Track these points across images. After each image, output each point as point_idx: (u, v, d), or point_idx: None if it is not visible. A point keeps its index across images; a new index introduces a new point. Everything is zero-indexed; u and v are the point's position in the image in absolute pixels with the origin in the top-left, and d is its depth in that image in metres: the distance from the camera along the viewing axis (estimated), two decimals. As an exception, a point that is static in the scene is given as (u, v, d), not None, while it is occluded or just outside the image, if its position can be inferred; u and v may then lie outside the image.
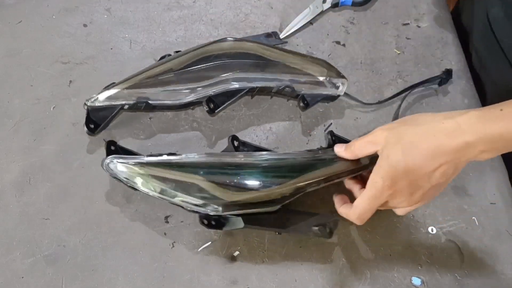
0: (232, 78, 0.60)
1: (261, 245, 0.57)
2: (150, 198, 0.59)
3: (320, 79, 0.63)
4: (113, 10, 0.74)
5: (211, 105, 0.60)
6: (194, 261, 0.56)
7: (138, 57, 0.69)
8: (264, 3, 0.76)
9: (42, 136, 0.63)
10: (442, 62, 0.71)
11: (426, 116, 0.46)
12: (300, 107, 0.63)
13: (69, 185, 0.60)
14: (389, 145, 0.45)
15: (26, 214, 0.58)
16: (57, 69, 0.68)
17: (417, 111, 0.66)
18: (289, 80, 0.62)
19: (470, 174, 0.62)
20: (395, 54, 0.71)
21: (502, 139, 0.41)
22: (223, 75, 0.60)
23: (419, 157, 0.44)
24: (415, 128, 0.45)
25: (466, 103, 0.67)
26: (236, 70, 0.61)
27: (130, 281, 0.54)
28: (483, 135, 0.41)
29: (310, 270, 0.56)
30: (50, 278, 0.54)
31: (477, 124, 0.42)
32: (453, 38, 0.73)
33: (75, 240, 0.57)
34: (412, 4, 0.77)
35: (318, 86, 0.63)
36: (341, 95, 0.64)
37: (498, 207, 0.60)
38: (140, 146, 0.63)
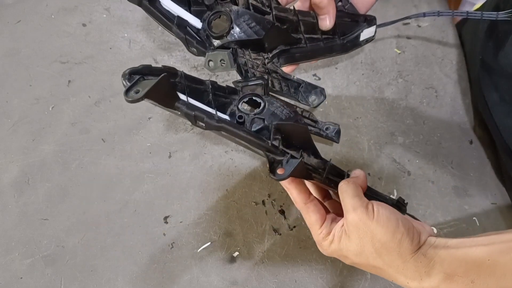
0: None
1: (261, 246, 0.56)
2: (149, 199, 0.59)
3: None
4: (112, 10, 0.73)
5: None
6: (193, 261, 0.55)
7: (137, 56, 0.69)
8: None
9: (41, 136, 0.63)
10: (442, 61, 0.71)
11: (395, 259, 0.41)
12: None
13: (68, 186, 0.60)
14: (347, 248, 0.42)
15: (25, 215, 0.58)
16: (56, 69, 0.68)
17: (417, 111, 0.66)
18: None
19: (470, 174, 0.62)
20: (396, 53, 0.71)
21: None
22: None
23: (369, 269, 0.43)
24: (378, 266, 0.41)
25: (467, 103, 0.67)
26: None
27: (129, 281, 0.54)
28: None
29: (310, 271, 0.55)
30: (49, 278, 0.54)
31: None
32: (454, 37, 0.73)
33: (74, 241, 0.56)
34: (412, 4, 0.77)
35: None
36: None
37: (499, 207, 0.60)
38: (140, 146, 0.63)
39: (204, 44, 0.47)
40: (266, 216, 0.58)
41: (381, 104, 0.67)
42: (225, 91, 0.47)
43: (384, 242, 0.40)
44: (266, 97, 0.45)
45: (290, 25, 0.52)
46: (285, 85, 0.54)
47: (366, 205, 0.42)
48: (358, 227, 0.41)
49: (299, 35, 0.53)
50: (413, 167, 0.62)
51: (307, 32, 0.53)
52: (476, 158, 0.63)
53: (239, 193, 0.60)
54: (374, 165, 0.62)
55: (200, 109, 0.39)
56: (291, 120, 0.45)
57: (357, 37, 0.55)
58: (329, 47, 0.54)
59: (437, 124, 0.65)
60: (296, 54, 0.53)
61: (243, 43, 0.48)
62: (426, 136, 0.64)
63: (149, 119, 0.65)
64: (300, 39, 0.53)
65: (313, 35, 0.53)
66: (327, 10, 0.51)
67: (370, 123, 0.65)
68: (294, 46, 0.53)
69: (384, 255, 0.40)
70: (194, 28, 0.47)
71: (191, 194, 0.60)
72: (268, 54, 0.51)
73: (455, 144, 0.64)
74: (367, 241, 0.41)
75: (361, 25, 0.55)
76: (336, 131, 0.55)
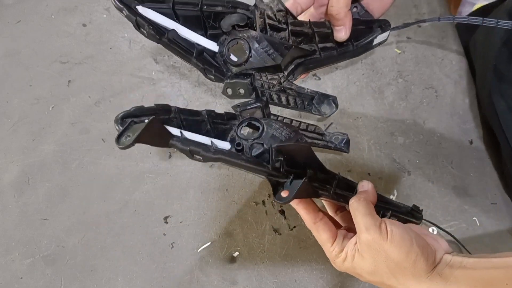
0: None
1: (261, 246, 0.56)
2: (149, 199, 0.59)
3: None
4: (112, 10, 0.73)
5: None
6: (193, 261, 0.55)
7: (138, 56, 0.69)
8: (264, 2, 0.75)
9: (41, 136, 0.63)
10: (442, 61, 0.71)
11: (409, 279, 0.41)
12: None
13: (68, 186, 0.60)
14: (361, 267, 0.42)
15: (25, 215, 0.58)
16: (56, 69, 0.68)
17: (417, 111, 0.66)
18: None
19: (471, 174, 0.62)
20: (396, 53, 0.71)
21: None
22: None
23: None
24: (393, 286, 0.41)
25: (467, 102, 0.67)
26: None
27: (129, 281, 0.54)
28: None
29: (310, 271, 0.55)
30: (49, 278, 0.54)
31: None
32: (454, 37, 0.73)
33: (74, 241, 0.56)
34: (412, 3, 0.77)
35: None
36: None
37: (499, 207, 0.60)
38: (140, 146, 0.63)
39: (222, 71, 0.47)
40: (266, 216, 0.58)
41: (381, 104, 0.67)
42: (223, 118, 0.47)
43: (398, 262, 0.40)
44: (265, 120, 0.45)
45: (305, 37, 0.52)
46: (299, 100, 0.54)
47: (379, 224, 0.41)
48: (371, 247, 0.41)
49: (313, 45, 0.52)
50: (413, 167, 0.62)
51: (321, 42, 0.52)
52: (476, 158, 0.63)
53: (239, 193, 0.60)
54: (374, 165, 0.62)
55: (196, 142, 0.39)
56: (292, 140, 0.44)
57: (370, 42, 0.54)
58: (343, 53, 0.54)
59: (437, 124, 0.65)
60: (310, 64, 0.53)
61: (260, 69, 0.48)
62: (426, 136, 0.64)
63: (149, 119, 0.65)
64: (315, 50, 0.53)
65: (327, 44, 0.53)
66: (343, 22, 0.50)
67: (370, 123, 0.65)
68: (308, 58, 0.53)
69: (398, 275, 0.40)
70: (210, 52, 0.47)
71: (191, 194, 0.60)
72: (284, 73, 0.51)
73: (455, 144, 0.64)
74: (381, 261, 0.40)
75: (375, 31, 0.54)
76: (345, 141, 0.56)
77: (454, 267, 0.39)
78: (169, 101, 0.66)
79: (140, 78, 0.68)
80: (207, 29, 0.46)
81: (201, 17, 0.46)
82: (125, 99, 0.66)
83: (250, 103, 0.47)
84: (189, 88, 0.67)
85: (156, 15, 0.42)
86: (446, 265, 0.40)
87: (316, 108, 0.55)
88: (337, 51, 0.53)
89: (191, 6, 0.45)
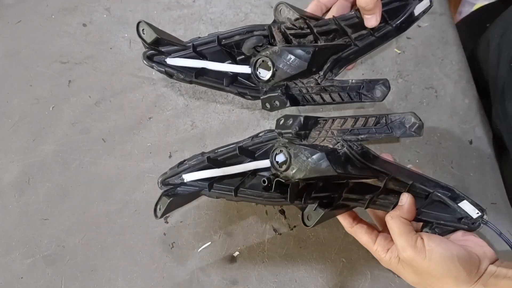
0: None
1: (261, 246, 0.57)
2: (149, 199, 0.59)
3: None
4: (113, 10, 0.73)
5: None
6: (194, 261, 0.56)
7: (138, 56, 0.69)
8: (264, 2, 0.76)
9: (41, 136, 0.63)
10: (442, 61, 0.71)
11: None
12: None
13: (68, 185, 0.60)
14: (405, 271, 0.43)
15: (25, 214, 0.58)
16: (56, 69, 0.68)
17: (417, 111, 0.66)
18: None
19: (470, 174, 0.62)
20: (396, 53, 0.71)
21: None
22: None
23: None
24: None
25: (467, 102, 0.67)
26: None
27: (130, 281, 0.54)
28: None
29: (310, 271, 0.55)
30: (49, 278, 0.54)
31: None
32: (454, 37, 0.73)
33: (74, 240, 0.56)
34: (412, 3, 0.77)
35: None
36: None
37: (498, 207, 0.60)
38: (140, 146, 0.63)
39: (257, 89, 0.51)
40: (266, 216, 0.58)
41: (381, 104, 0.67)
42: (253, 155, 0.51)
43: (439, 278, 0.40)
44: (294, 149, 0.45)
45: (336, 33, 0.51)
46: (344, 93, 0.52)
47: (414, 243, 0.41)
48: (411, 265, 0.41)
49: (346, 38, 0.52)
50: (413, 167, 0.62)
51: (355, 32, 0.52)
52: (476, 158, 0.63)
53: (239, 193, 0.60)
54: (374, 165, 0.62)
55: (221, 188, 0.48)
56: (322, 167, 0.44)
57: (411, 15, 0.52)
58: (383, 36, 0.53)
59: (437, 124, 0.65)
60: (349, 56, 0.53)
61: (291, 78, 0.49)
62: (426, 136, 0.64)
63: (150, 119, 0.65)
64: (349, 43, 0.52)
65: (362, 31, 0.52)
66: (373, 11, 0.49)
67: (370, 123, 0.65)
68: (345, 51, 0.52)
69: (440, 283, 0.41)
70: (245, 75, 0.50)
71: (192, 194, 0.60)
72: (319, 73, 0.51)
73: (455, 144, 0.64)
74: (423, 276, 0.41)
75: (411, 2, 0.52)
76: (417, 126, 0.47)
77: (499, 278, 0.39)
78: (169, 101, 0.66)
79: (140, 78, 0.68)
80: (235, 57, 0.51)
81: (223, 50, 0.50)
82: (125, 99, 0.66)
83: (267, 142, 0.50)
84: (189, 88, 0.67)
85: (185, 61, 0.47)
86: (490, 276, 0.40)
87: (366, 96, 0.52)
88: (375, 36, 0.52)
89: (211, 44, 0.49)
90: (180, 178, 0.49)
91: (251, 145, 0.50)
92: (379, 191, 0.46)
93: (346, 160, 0.46)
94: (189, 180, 0.48)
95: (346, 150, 0.46)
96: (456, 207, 0.47)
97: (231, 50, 0.50)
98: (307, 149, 0.44)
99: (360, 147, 0.48)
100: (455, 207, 0.47)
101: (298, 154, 0.44)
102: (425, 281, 0.41)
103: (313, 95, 0.51)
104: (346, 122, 0.49)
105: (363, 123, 0.48)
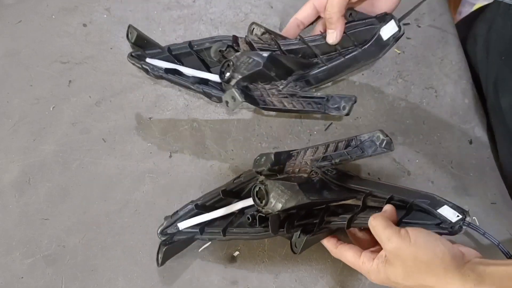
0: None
1: (261, 246, 0.57)
2: (149, 199, 0.59)
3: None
4: (113, 10, 0.73)
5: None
6: (194, 261, 0.56)
7: (138, 56, 0.69)
8: (264, 2, 0.76)
9: (41, 136, 0.63)
10: (442, 61, 0.71)
11: (441, 276, 0.41)
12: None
13: (68, 185, 0.60)
14: (395, 273, 0.43)
15: (25, 214, 0.58)
16: (57, 69, 0.68)
17: (417, 111, 0.66)
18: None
19: (470, 174, 0.62)
20: (396, 53, 0.71)
21: None
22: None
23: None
24: (427, 286, 0.41)
25: (467, 103, 0.67)
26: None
27: (130, 281, 0.54)
28: None
29: (310, 271, 0.55)
30: (49, 278, 0.54)
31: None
32: (454, 37, 0.73)
33: (74, 240, 0.56)
34: (412, 4, 0.77)
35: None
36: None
37: (498, 207, 0.60)
38: (140, 146, 0.63)
39: (222, 91, 0.55)
40: (266, 216, 0.58)
41: (381, 104, 0.67)
42: (238, 196, 0.55)
43: (426, 261, 0.41)
44: (270, 184, 0.47)
45: (304, 53, 0.56)
46: (307, 103, 0.55)
47: (398, 232, 0.42)
48: (398, 254, 0.42)
49: (314, 58, 0.56)
50: (413, 167, 0.62)
51: (324, 53, 0.56)
52: (476, 158, 0.63)
53: (240, 193, 0.60)
54: (374, 165, 0.62)
55: (211, 231, 0.53)
56: (296, 197, 0.47)
57: (379, 39, 0.56)
58: (352, 59, 0.56)
59: (437, 124, 0.65)
60: (318, 75, 0.57)
61: (250, 78, 0.53)
62: (426, 136, 0.64)
63: (150, 119, 0.65)
64: (317, 62, 0.57)
65: (331, 52, 0.57)
66: (335, 26, 0.54)
67: (370, 123, 0.65)
68: (313, 69, 0.56)
69: (430, 273, 0.41)
70: (216, 83, 0.56)
71: (192, 194, 0.60)
72: (282, 82, 0.55)
73: (455, 144, 0.64)
74: (411, 264, 0.41)
75: (376, 25, 0.56)
76: (386, 142, 0.49)
77: (486, 264, 0.40)
78: (169, 101, 0.66)
79: (140, 78, 0.68)
80: (209, 66, 0.58)
81: (195, 55, 0.58)
82: (126, 99, 0.66)
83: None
84: (189, 88, 0.67)
85: (161, 62, 0.56)
86: (477, 263, 0.40)
87: (329, 108, 0.55)
88: (344, 57, 0.56)
89: (184, 46, 0.58)
90: (175, 227, 0.53)
91: (234, 187, 0.54)
92: (359, 209, 0.48)
93: (321, 186, 0.50)
94: (182, 228, 0.53)
95: (321, 176, 0.50)
96: (436, 213, 0.47)
97: (204, 57, 0.58)
98: (282, 182, 0.47)
99: (335, 171, 0.52)
100: (435, 213, 0.47)
101: (274, 189, 0.47)
102: (415, 272, 0.41)
103: (273, 99, 0.54)
104: (318, 150, 0.52)
105: (333, 148, 0.52)
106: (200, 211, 0.54)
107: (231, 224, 0.52)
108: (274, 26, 0.73)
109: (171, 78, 0.55)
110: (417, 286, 0.42)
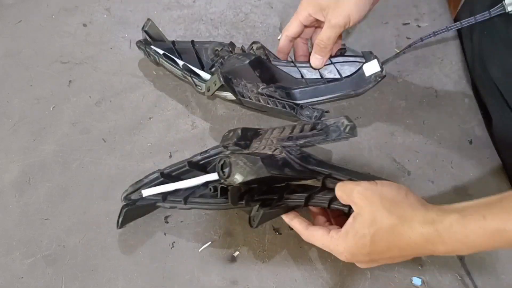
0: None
1: (261, 245, 0.57)
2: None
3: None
4: (113, 10, 0.74)
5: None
6: (194, 261, 0.56)
7: (138, 56, 0.69)
8: (264, 2, 0.76)
9: (41, 136, 0.63)
10: (442, 61, 0.71)
11: (405, 209, 0.43)
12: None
13: (68, 185, 0.60)
14: (362, 222, 0.44)
15: (25, 214, 0.58)
16: (57, 69, 0.68)
17: (417, 111, 0.66)
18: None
19: (470, 174, 0.62)
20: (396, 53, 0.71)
21: (482, 248, 0.40)
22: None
23: (388, 252, 0.44)
24: (393, 224, 0.42)
25: (467, 102, 0.67)
26: None
27: (130, 281, 0.54)
28: (463, 246, 0.40)
29: (310, 271, 0.55)
30: (49, 278, 0.54)
31: (458, 235, 0.40)
32: (453, 37, 0.73)
33: (74, 240, 0.56)
34: (412, 3, 0.77)
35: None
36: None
37: (498, 207, 0.60)
38: (141, 146, 0.63)
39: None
40: (266, 216, 0.58)
41: (381, 104, 0.67)
42: (205, 169, 0.56)
43: (391, 198, 0.43)
44: (232, 158, 0.49)
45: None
46: (282, 106, 0.60)
47: (367, 180, 0.46)
48: (365, 195, 0.44)
49: (301, 79, 0.62)
50: (413, 167, 0.62)
51: (309, 75, 0.62)
52: (476, 158, 0.63)
53: (240, 193, 0.60)
54: (374, 165, 0.62)
55: (173, 199, 0.54)
56: (257, 170, 0.48)
57: (362, 73, 0.62)
58: (334, 86, 0.62)
59: (437, 124, 0.65)
60: (298, 93, 0.62)
61: (236, 73, 0.58)
62: (426, 136, 0.64)
63: (150, 119, 0.65)
64: (301, 81, 0.62)
65: (316, 77, 0.62)
66: (325, 54, 0.60)
67: (370, 123, 0.65)
68: (295, 87, 0.62)
69: (395, 210, 0.43)
70: (205, 80, 0.61)
71: (192, 194, 0.60)
72: (264, 84, 0.60)
73: (455, 144, 0.64)
74: (377, 203, 0.43)
75: (361, 62, 0.62)
76: (350, 127, 0.50)
77: (449, 205, 0.42)
78: (169, 101, 0.66)
79: (140, 78, 0.68)
80: (203, 66, 0.65)
81: (194, 53, 0.65)
82: (126, 99, 0.66)
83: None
84: (189, 88, 0.67)
85: (162, 52, 0.63)
86: (439, 208, 0.43)
87: (301, 115, 0.61)
88: (325, 83, 0.62)
89: (186, 43, 0.65)
90: (139, 194, 0.55)
91: (201, 159, 0.56)
92: (317, 189, 0.50)
93: (284, 163, 0.51)
94: (146, 195, 0.54)
95: (285, 155, 0.51)
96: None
97: (201, 56, 0.65)
98: (246, 156, 0.49)
99: (299, 152, 0.53)
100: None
101: (238, 162, 0.48)
102: (381, 212, 0.43)
103: (251, 95, 0.59)
104: (284, 131, 0.54)
105: (299, 130, 0.54)
106: (165, 180, 0.55)
107: (193, 194, 0.54)
108: (274, 26, 0.73)
109: (166, 62, 0.62)
110: (382, 229, 0.43)
